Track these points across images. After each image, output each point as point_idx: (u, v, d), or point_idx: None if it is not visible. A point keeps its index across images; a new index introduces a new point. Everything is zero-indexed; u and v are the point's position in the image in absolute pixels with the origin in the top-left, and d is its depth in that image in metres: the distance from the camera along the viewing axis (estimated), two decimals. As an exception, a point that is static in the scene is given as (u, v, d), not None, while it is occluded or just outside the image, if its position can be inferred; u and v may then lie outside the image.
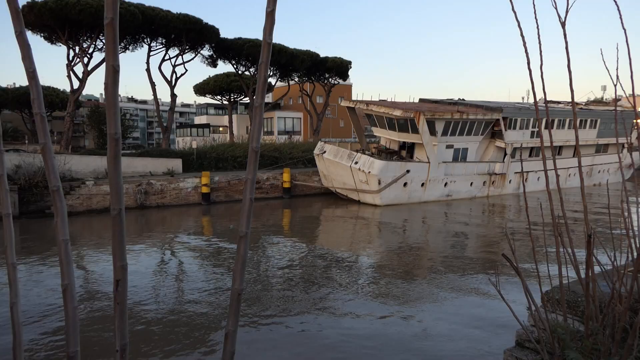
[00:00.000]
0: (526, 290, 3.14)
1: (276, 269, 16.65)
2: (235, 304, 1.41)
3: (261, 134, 1.43)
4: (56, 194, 1.43)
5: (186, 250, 20.16)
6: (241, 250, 1.41)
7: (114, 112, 1.15)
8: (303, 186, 36.14)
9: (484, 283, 14.05)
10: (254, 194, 1.43)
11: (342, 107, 46.66)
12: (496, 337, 9.83)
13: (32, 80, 1.44)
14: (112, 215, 1.20)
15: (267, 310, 12.16)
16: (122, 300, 1.20)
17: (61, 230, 1.43)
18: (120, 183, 1.18)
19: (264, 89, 1.40)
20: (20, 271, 15.96)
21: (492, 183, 36.01)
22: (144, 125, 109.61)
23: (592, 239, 2.70)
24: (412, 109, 32.40)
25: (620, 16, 3.15)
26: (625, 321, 2.72)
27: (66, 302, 1.39)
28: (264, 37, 1.39)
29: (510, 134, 35.92)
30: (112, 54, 1.12)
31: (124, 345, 1.22)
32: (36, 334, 10.55)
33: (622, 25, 3.14)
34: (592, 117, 42.14)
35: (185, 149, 39.57)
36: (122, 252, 1.20)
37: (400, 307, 12.39)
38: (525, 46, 3.04)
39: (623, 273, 3.22)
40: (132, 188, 29.35)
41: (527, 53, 3.06)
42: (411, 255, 18.90)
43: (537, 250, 12.07)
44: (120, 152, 1.18)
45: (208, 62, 48.82)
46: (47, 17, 33.68)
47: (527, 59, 3.07)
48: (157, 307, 12.51)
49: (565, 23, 3.05)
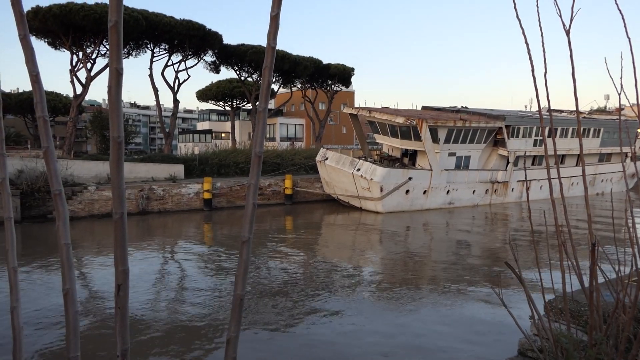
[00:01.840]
0: (529, 299, 3.12)
1: (278, 275, 16.61)
2: (238, 309, 1.39)
3: (264, 139, 1.43)
4: (58, 197, 1.42)
5: (187, 256, 20.13)
6: (243, 256, 1.40)
7: (117, 115, 1.14)
8: (305, 193, 36.13)
9: (486, 291, 13.99)
10: (257, 199, 1.42)
11: (344, 114, 46.71)
12: (499, 346, 9.77)
13: (36, 83, 1.43)
14: (114, 219, 1.19)
15: (269, 316, 12.11)
16: (124, 304, 1.19)
17: (63, 234, 1.42)
18: (122, 187, 1.17)
19: (268, 93, 1.40)
20: (21, 275, 15.93)
21: (494, 191, 35.96)
22: (147, 130, 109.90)
23: (596, 248, 2.68)
24: (415, 116, 32.43)
25: (625, 25, 3.15)
26: (629, 331, 2.70)
27: (67, 306, 1.38)
28: (268, 41, 1.38)
29: (512, 142, 35.90)
30: (115, 57, 1.12)
31: (125, 350, 1.21)
32: (37, 339, 10.52)
33: (626, 34, 3.14)
34: (595, 126, 42.13)
35: (187, 155, 39.63)
36: (124, 257, 1.19)
37: (402, 316, 12.34)
38: (529, 54, 3.04)
39: (627, 283, 3.20)
40: (134, 193, 29.37)
41: (532, 61, 3.06)
42: (413, 263, 18.84)
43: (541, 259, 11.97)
44: (123, 156, 1.17)
45: (211, 68, 48.99)
46: (51, 23, 33.91)
47: (531, 66, 3.07)
48: (159, 312, 12.48)
49: (569, 31, 3.04)
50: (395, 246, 22.72)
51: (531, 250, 17.83)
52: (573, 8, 2.96)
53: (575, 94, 3.22)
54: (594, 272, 2.68)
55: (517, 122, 36.23)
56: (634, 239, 3.07)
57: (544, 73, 3.08)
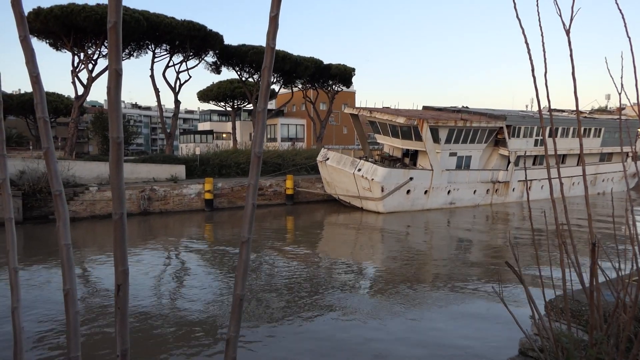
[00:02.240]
0: (529, 299, 3.12)
1: (279, 275, 16.61)
2: (237, 309, 1.40)
3: (264, 139, 1.43)
4: (58, 198, 1.43)
5: (189, 256, 20.14)
6: (243, 256, 1.40)
7: (117, 115, 1.15)
8: (306, 193, 36.13)
9: (488, 291, 13.98)
10: (257, 199, 1.42)
11: (345, 114, 46.71)
12: (500, 346, 9.77)
13: (36, 84, 1.44)
14: (114, 219, 1.19)
15: (270, 316, 12.11)
16: (123, 304, 1.20)
17: (63, 234, 1.43)
18: (122, 187, 1.18)
19: (267, 93, 1.40)
20: (24, 276, 15.96)
21: (495, 191, 35.94)
22: (148, 131, 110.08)
23: (596, 248, 2.68)
24: (416, 116, 32.41)
25: (625, 24, 3.14)
26: (629, 331, 2.70)
27: (67, 306, 1.39)
28: (267, 42, 1.38)
29: (513, 142, 35.87)
30: (115, 58, 1.12)
31: (125, 351, 1.21)
32: (37, 339, 10.54)
33: (626, 33, 3.13)
34: (596, 126, 42.08)
35: (188, 155, 39.65)
36: (124, 257, 1.20)
37: (403, 316, 12.33)
38: (529, 54, 3.04)
39: (628, 282, 3.20)
40: (135, 194, 29.39)
41: (532, 61, 3.06)
42: (414, 263, 18.83)
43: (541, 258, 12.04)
44: (122, 156, 1.18)
45: (212, 68, 49.01)
46: (52, 24, 33.93)
47: (531, 66, 3.07)
48: (159, 312, 12.49)
49: (569, 31, 3.04)
50: (397, 246, 22.70)
51: (533, 250, 17.82)
52: (573, 8, 2.96)
53: (575, 94, 3.22)
54: (595, 271, 2.68)
55: (518, 122, 36.19)
56: (635, 237, 3.07)
57: (544, 73, 3.08)
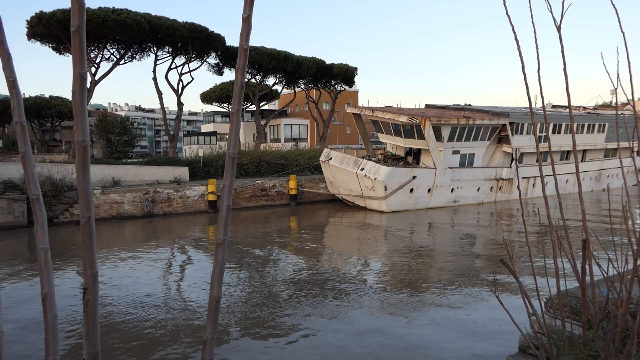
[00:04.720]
0: (524, 296, 3.12)
1: (281, 275, 16.62)
2: (214, 311, 1.40)
3: (238, 140, 1.43)
4: (36, 202, 1.42)
5: (190, 257, 20.22)
6: (219, 257, 1.40)
7: (82, 119, 1.15)
8: (309, 193, 36.13)
9: (490, 288, 13.94)
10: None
11: (348, 114, 46.61)
12: (501, 344, 9.74)
13: (13, 89, 1.44)
14: (82, 223, 1.19)
15: (271, 316, 12.12)
16: (92, 308, 1.20)
17: (41, 238, 1.43)
18: (89, 191, 1.18)
19: (241, 95, 1.40)
20: (23, 277, 16.04)
21: (499, 188, 35.83)
22: (152, 133, 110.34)
23: (587, 244, 2.67)
24: (418, 114, 32.37)
25: (619, 19, 3.13)
26: (623, 326, 2.69)
27: (45, 310, 1.39)
28: (240, 43, 1.38)
29: (517, 139, 35.75)
30: (79, 62, 1.12)
31: (95, 354, 1.21)
32: (20, 342, 10.58)
33: (620, 28, 3.12)
34: (600, 122, 41.87)
35: (192, 157, 39.72)
36: (92, 260, 1.20)
37: (405, 314, 12.32)
38: (519, 50, 3.03)
39: (623, 277, 3.18)
40: (139, 196, 29.48)
41: (522, 57, 3.05)
42: (417, 262, 18.81)
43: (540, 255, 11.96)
44: (89, 160, 1.18)
45: (214, 70, 49.10)
46: (54, 28, 34.10)
47: (521, 63, 3.06)
48: (148, 313, 12.46)
49: (560, 27, 3.03)
50: (400, 246, 22.68)
51: (533, 247, 17.77)
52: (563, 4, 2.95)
53: (567, 90, 3.21)
54: (584, 268, 2.68)
55: (521, 118, 36.06)
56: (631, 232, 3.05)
57: (537, 69, 3.08)
